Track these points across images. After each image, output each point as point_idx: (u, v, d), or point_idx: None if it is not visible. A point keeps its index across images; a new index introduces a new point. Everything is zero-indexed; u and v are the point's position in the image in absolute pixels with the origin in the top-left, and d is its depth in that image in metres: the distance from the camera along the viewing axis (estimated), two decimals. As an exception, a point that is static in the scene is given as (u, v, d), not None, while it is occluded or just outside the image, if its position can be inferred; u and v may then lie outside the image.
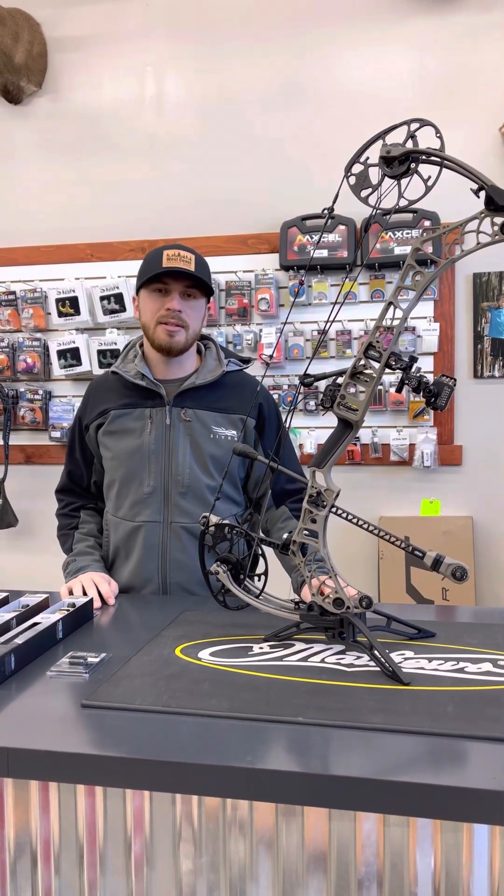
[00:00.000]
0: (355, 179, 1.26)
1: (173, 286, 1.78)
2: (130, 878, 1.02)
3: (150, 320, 1.81)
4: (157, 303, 1.80)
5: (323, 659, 1.28)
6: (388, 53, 3.01)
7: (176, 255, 1.76)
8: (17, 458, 3.32)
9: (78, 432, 1.94)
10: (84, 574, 1.77)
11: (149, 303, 1.81)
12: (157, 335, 1.80)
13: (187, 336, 1.81)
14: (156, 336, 1.81)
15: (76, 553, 1.89)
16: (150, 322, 1.81)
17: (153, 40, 3.18)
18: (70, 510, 1.98)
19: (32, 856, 1.04)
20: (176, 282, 1.78)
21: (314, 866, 0.96)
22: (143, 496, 1.83)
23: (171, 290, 1.79)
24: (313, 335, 3.07)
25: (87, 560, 1.85)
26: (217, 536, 1.41)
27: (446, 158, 1.18)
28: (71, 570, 1.85)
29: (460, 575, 1.20)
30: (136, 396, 1.86)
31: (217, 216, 3.13)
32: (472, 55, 2.94)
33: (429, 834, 0.92)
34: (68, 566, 1.87)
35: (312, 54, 3.06)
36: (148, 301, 1.82)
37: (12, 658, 1.25)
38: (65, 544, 1.95)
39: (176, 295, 1.78)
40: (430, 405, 1.23)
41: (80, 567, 1.83)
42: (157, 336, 1.80)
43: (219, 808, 0.98)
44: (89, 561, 1.85)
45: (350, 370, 1.27)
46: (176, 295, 1.78)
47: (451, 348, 3.00)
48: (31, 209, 3.31)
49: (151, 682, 1.19)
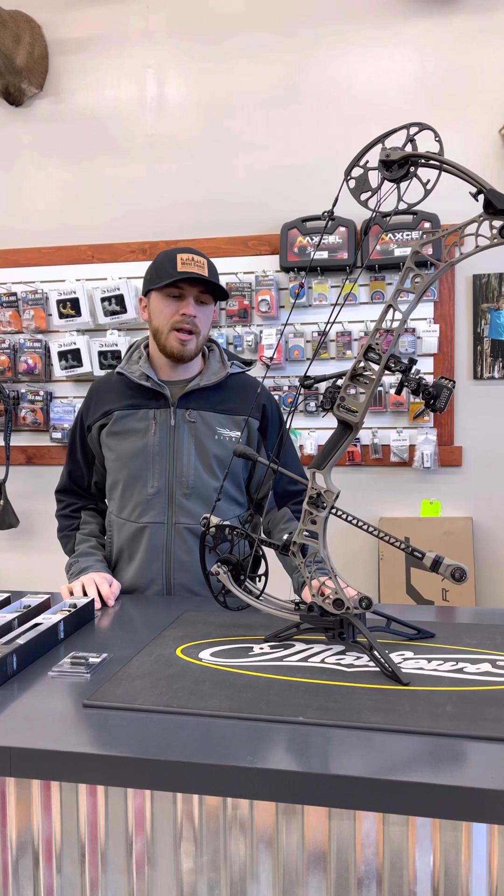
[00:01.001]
0: (355, 183, 1.27)
1: (188, 291, 1.78)
2: (132, 877, 1.02)
3: (164, 325, 1.80)
4: (172, 307, 1.79)
5: (323, 659, 1.28)
6: (388, 55, 3.02)
7: (190, 259, 1.76)
8: (18, 459, 3.33)
9: (80, 432, 1.94)
10: (86, 575, 1.77)
11: (163, 307, 1.80)
12: (169, 342, 1.80)
13: (198, 343, 1.82)
14: (168, 342, 1.81)
15: (79, 554, 1.89)
16: (163, 327, 1.81)
17: (154, 42, 3.19)
18: (71, 511, 1.97)
19: (34, 855, 1.05)
20: (191, 287, 1.78)
21: (314, 865, 0.96)
22: (148, 497, 1.83)
23: (185, 296, 1.78)
24: (313, 336, 3.08)
25: (89, 560, 1.86)
26: (218, 537, 1.41)
27: (445, 162, 1.19)
28: (74, 572, 1.84)
29: (459, 576, 1.21)
30: (140, 397, 1.86)
31: (218, 218, 3.14)
32: (472, 57, 2.95)
33: (428, 833, 0.93)
34: (71, 567, 1.87)
35: (313, 56, 3.07)
36: (161, 305, 1.80)
37: (14, 658, 1.26)
38: (66, 545, 1.95)
39: (191, 300, 1.78)
40: (429, 407, 1.24)
41: (82, 568, 1.83)
42: (170, 343, 1.80)
43: (219, 807, 0.99)
44: (92, 561, 1.85)
45: (350, 372, 1.27)
46: (191, 300, 1.78)
47: (451, 350, 3.00)
48: (32, 211, 3.32)
49: (152, 683, 1.19)
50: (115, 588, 1.76)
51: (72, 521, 1.96)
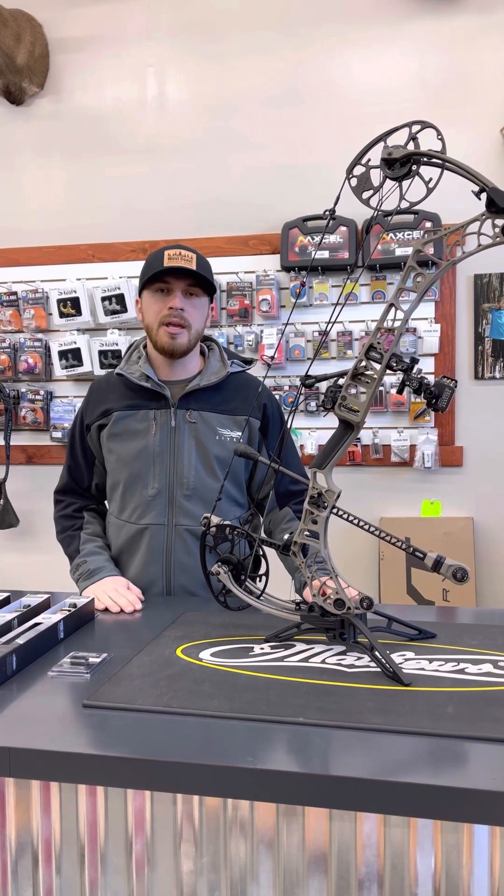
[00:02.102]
0: (357, 181, 1.27)
1: (175, 285, 1.78)
2: (131, 878, 1.02)
3: (154, 321, 1.80)
4: (160, 303, 1.79)
5: (324, 660, 1.28)
6: (389, 55, 3.01)
7: (177, 254, 1.76)
8: (18, 459, 3.32)
9: (79, 432, 1.92)
10: (101, 581, 1.74)
11: (151, 303, 1.81)
12: (159, 337, 1.80)
13: (189, 337, 1.80)
14: (158, 338, 1.80)
15: (86, 554, 1.84)
16: (153, 323, 1.81)
17: (155, 41, 3.19)
18: (73, 511, 1.94)
19: (34, 855, 1.05)
20: (178, 280, 1.77)
21: (315, 866, 0.96)
22: (148, 499, 1.82)
23: (172, 290, 1.78)
24: (314, 336, 3.07)
25: (99, 561, 1.82)
26: (218, 537, 1.41)
27: (447, 160, 1.18)
28: (83, 573, 1.80)
29: (461, 576, 1.21)
30: (139, 398, 1.85)
31: (218, 217, 3.13)
32: (473, 56, 2.94)
33: (429, 834, 0.92)
34: (79, 568, 1.83)
35: (314, 55, 3.06)
36: (150, 301, 1.81)
37: (14, 658, 1.25)
38: (69, 546, 1.90)
39: (178, 293, 1.78)
40: (431, 406, 1.23)
41: (92, 570, 1.79)
42: (160, 338, 1.80)
43: (220, 808, 0.98)
44: (102, 562, 1.82)
45: (351, 371, 1.27)
46: (178, 293, 1.78)
47: (452, 349, 3.00)
48: (33, 210, 3.31)
49: (152, 683, 1.19)
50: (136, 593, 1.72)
51: (74, 521, 1.93)
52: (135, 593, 1.72)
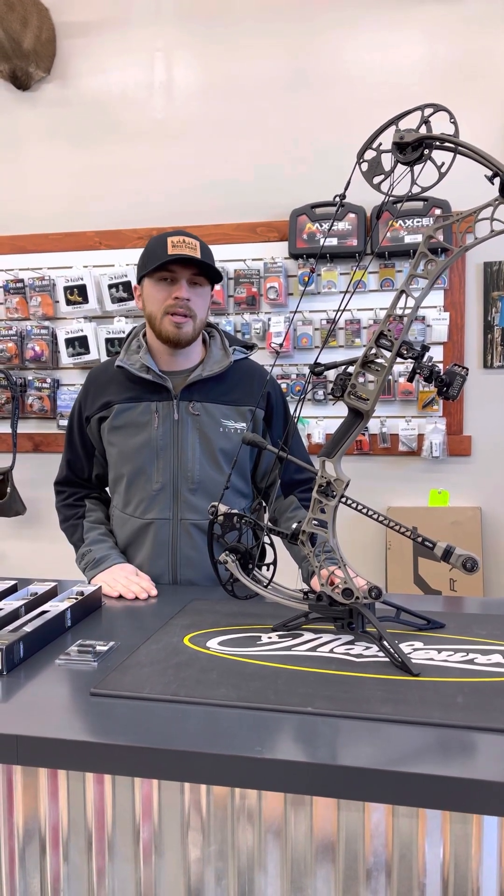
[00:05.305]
0: (367, 166, 1.25)
1: (180, 274, 1.73)
2: (139, 866, 1.02)
3: (158, 310, 1.76)
4: (164, 292, 1.74)
5: (332, 649, 1.28)
6: (399, 39, 2.97)
7: (181, 241, 1.71)
8: (25, 447, 3.32)
9: (78, 422, 1.89)
10: (109, 570, 1.74)
11: (155, 292, 1.76)
12: (164, 326, 1.76)
13: (195, 326, 1.77)
14: (163, 328, 1.76)
15: (90, 542, 1.84)
16: (156, 312, 1.76)
17: (162, 26, 3.15)
18: (74, 500, 1.93)
19: (41, 842, 1.05)
20: (183, 269, 1.73)
21: (322, 856, 0.96)
22: (152, 493, 1.80)
23: (178, 279, 1.73)
24: (322, 324, 3.06)
25: (104, 549, 1.81)
26: (226, 526, 1.40)
27: (461, 144, 1.17)
28: (89, 562, 1.80)
29: (471, 566, 1.20)
30: (140, 389, 1.81)
31: (226, 204, 3.11)
32: (483, 41, 2.91)
33: (438, 825, 0.92)
34: (84, 557, 1.82)
35: (323, 39, 3.03)
36: (154, 290, 1.76)
37: (21, 646, 1.25)
38: (73, 535, 1.89)
39: (184, 283, 1.73)
40: (442, 395, 1.22)
41: (98, 558, 1.78)
42: (165, 328, 1.75)
43: (227, 797, 0.98)
44: (107, 549, 1.81)
45: (361, 359, 1.25)
46: (184, 283, 1.73)
47: (461, 338, 2.97)
48: (39, 196, 3.29)
49: (160, 671, 1.19)
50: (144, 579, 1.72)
51: (76, 509, 1.92)
52: (144, 579, 1.72)
